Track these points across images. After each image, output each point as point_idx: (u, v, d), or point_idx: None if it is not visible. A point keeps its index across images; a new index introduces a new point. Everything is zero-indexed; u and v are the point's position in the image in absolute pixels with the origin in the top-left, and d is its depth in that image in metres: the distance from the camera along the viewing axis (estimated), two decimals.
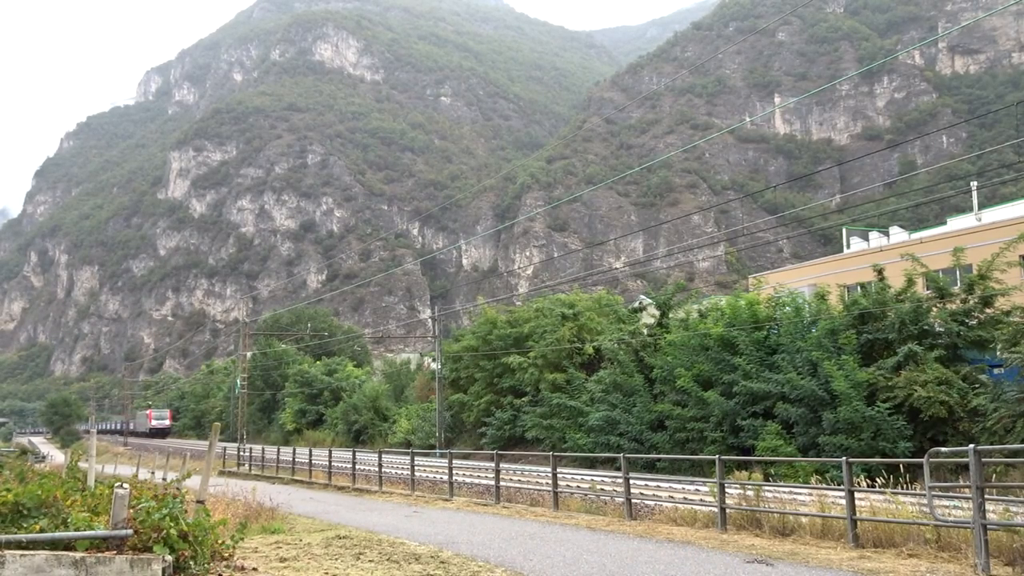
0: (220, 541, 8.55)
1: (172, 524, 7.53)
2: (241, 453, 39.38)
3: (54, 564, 6.93)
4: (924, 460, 10.20)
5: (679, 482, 19.96)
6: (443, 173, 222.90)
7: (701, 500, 15.17)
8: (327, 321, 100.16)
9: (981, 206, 46.74)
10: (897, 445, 20.99)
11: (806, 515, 12.34)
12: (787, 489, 16.06)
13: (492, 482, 19.43)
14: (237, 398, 60.51)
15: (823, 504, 12.77)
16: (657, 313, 35.39)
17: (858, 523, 11.15)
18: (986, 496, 9.70)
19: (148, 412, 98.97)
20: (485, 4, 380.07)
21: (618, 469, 18.77)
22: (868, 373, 22.60)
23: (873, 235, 49.94)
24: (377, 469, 24.38)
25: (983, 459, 9.85)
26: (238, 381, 57.95)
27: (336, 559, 10.82)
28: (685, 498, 16.39)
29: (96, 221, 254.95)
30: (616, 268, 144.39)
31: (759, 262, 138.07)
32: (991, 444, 18.08)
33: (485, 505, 18.51)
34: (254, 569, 9.50)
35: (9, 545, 7.12)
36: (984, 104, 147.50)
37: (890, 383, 22.07)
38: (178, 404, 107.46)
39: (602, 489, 18.40)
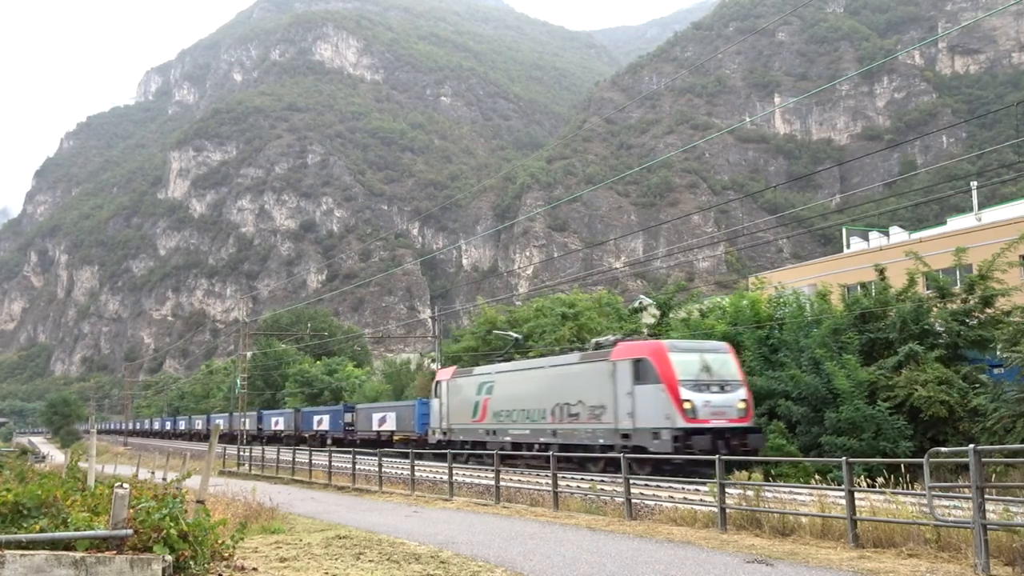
0: (220, 541, 8.55)
1: (172, 524, 7.53)
2: (241, 453, 39.37)
3: (54, 564, 6.93)
4: (924, 460, 10.20)
5: (679, 482, 19.95)
6: (443, 173, 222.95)
7: (701, 500, 15.16)
8: (327, 321, 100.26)
9: (981, 206, 46.77)
10: (898, 445, 20.98)
11: (806, 515, 12.33)
12: (787, 489, 16.05)
13: (492, 482, 19.42)
14: (237, 398, 60.56)
15: (823, 504, 12.77)
16: (657, 313, 35.39)
17: (858, 523, 11.14)
18: (986, 496, 9.70)
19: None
20: (485, 4, 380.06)
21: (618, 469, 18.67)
22: (869, 372, 22.62)
23: (873, 235, 49.97)
24: (377, 469, 24.38)
25: (983, 459, 9.85)
26: (238, 381, 58.03)
27: (336, 559, 10.82)
28: (685, 498, 16.38)
29: (96, 221, 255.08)
30: (616, 268, 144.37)
31: (759, 262, 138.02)
32: (991, 444, 18.07)
33: (485, 505, 18.51)
34: (254, 569, 9.50)
35: (9, 545, 7.12)
36: (984, 104, 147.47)
37: (891, 382, 22.07)
38: (178, 404, 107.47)
39: (602, 489, 18.39)
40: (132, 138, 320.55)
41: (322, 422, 51.54)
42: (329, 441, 47.25)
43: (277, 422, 58.71)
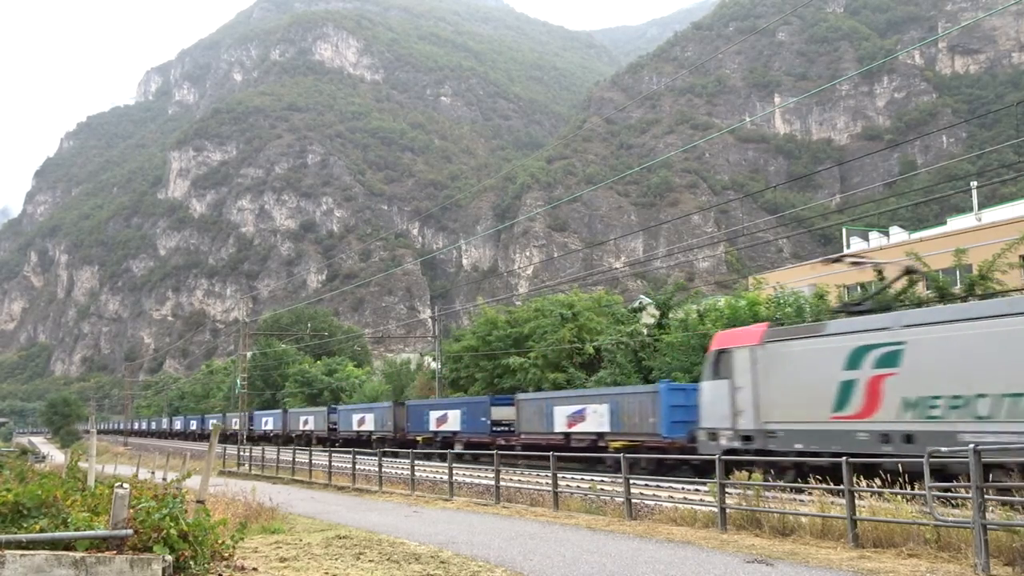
0: (220, 541, 8.55)
1: (172, 524, 7.54)
2: (241, 453, 39.37)
3: (54, 564, 6.93)
4: (924, 460, 10.20)
5: (679, 482, 19.96)
6: (443, 173, 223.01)
7: (701, 500, 15.17)
8: (327, 321, 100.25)
9: (981, 206, 46.81)
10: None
11: (806, 515, 12.33)
12: (787, 489, 16.04)
13: (492, 482, 19.42)
14: (237, 398, 60.54)
15: (823, 504, 12.77)
16: (657, 313, 35.43)
17: (858, 523, 11.14)
18: (986, 496, 9.70)
19: None
20: (485, 4, 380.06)
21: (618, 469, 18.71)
22: None
23: (873, 235, 50.02)
24: (377, 469, 24.39)
25: (983, 459, 9.84)
26: (238, 381, 58.00)
27: (336, 559, 10.82)
28: (685, 498, 16.40)
29: (96, 221, 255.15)
30: (616, 268, 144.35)
31: (759, 262, 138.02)
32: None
33: (485, 505, 18.51)
34: (254, 569, 9.50)
35: (9, 545, 7.12)
36: (984, 104, 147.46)
37: None
38: (178, 404, 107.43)
39: (602, 489, 18.39)
40: (132, 138, 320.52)
41: (445, 420, 38.54)
42: (459, 446, 35.11)
43: (363, 420, 46.31)
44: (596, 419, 28.24)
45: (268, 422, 59.37)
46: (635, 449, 25.12)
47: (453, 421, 37.63)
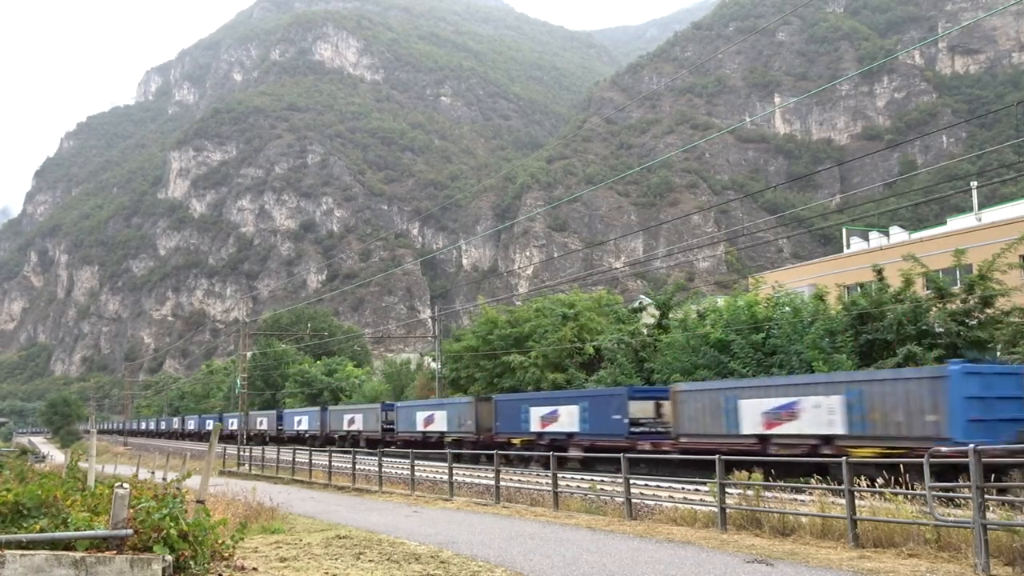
0: (220, 541, 8.55)
1: (172, 524, 7.53)
2: (241, 453, 39.37)
3: (54, 564, 6.92)
4: (924, 460, 10.20)
5: (679, 482, 19.96)
6: (443, 173, 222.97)
7: (701, 500, 15.17)
8: (327, 321, 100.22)
9: (981, 206, 46.80)
10: None
11: (806, 515, 12.34)
12: (787, 489, 16.04)
13: (492, 482, 19.43)
14: (237, 398, 60.53)
15: (823, 504, 12.77)
16: (657, 313, 35.45)
17: (858, 523, 11.15)
18: (986, 496, 9.70)
19: None
20: (485, 4, 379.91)
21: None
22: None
23: (873, 235, 50.00)
24: (377, 469, 24.39)
25: (983, 459, 9.85)
26: (238, 381, 57.96)
27: (336, 559, 10.82)
28: (685, 498, 16.40)
29: (96, 221, 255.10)
30: (616, 268, 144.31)
31: (759, 262, 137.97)
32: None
33: (485, 505, 18.51)
34: (254, 569, 9.50)
35: (9, 545, 7.12)
36: (984, 104, 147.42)
37: None
38: (178, 404, 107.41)
39: (602, 489, 18.39)
40: (132, 138, 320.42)
41: (555, 418, 30.65)
42: (576, 451, 28.70)
43: (431, 419, 39.51)
44: (818, 416, 20.40)
45: (302, 421, 53.18)
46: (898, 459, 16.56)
47: (568, 420, 29.84)
